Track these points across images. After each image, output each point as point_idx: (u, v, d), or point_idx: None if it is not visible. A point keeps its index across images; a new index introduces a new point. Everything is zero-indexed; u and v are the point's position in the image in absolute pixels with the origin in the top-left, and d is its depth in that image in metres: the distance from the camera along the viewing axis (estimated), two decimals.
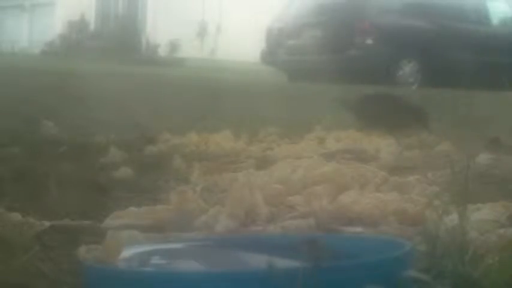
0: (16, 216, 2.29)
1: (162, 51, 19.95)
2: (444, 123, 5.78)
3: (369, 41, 11.82)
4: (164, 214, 2.48)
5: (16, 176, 3.18)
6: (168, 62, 16.79)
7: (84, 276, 1.63)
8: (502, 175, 3.49)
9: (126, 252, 1.76)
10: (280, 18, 13.04)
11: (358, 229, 2.39)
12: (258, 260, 1.65)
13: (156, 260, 1.78)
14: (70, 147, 4.21)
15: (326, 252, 1.43)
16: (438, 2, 12.60)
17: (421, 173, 3.29)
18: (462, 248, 1.68)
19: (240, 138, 4.70)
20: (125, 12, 23.75)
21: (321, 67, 11.45)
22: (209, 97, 7.61)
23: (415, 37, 12.03)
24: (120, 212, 2.48)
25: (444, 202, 2.02)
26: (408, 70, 11.97)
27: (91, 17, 22.52)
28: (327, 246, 1.44)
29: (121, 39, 19.45)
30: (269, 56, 12.99)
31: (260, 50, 13.24)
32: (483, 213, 2.34)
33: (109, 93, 7.17)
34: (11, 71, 9.35)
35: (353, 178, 2.97)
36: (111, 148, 3.96)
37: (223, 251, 1.87)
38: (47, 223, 2.31)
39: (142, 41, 20.70)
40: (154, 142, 4.51)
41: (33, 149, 4.01)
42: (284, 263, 1.54)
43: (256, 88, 9.14)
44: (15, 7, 25.78)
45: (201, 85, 9.19)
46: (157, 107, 6.68)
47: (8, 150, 3.92)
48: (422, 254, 1.73)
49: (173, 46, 20.15)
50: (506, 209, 2.39)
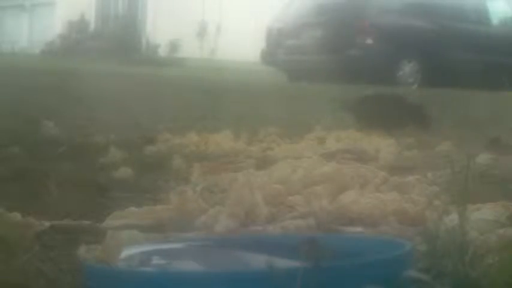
0: (16, 216, 2.29)
1: (162, 51, 19.92)
2: (444, 123, 5.78)
3: (369, 41, 11.81)
4: (164, 214, 2.48)
5: (16, 176, 3.18)
6: (168, 62, 16.77)
7: (84, 276, 1.63)
8: (502, 175, 3.49)
9: (126, 252, 1.76)
10: (280, 18, 13.03)
11: (358, 229, 2.40)
12: (258, 260, 1.65)
13: (156, 260, 1.78)
14: (70, 147, 4.21)
15: (326, 252, 1.43)
16: (438, 2, 12.59)
17: (421, 173, 3.30)
18: (462, 248, 1.68)
19: (240, 138, 4.70)
20: (125, 12, 23.73)
21: (321, 67, 11.45)
22: (209, 97, 7.61)
23: (415, 37, 12.02)
24: (120, 212, 2.48)
25: (444, 202, 2.02)
26: (408, 70, 11.97)
27: (91, 17, 22.50)
28: (327, 246, 1.44)
29: (121, 39, 19.42)
30: (269, 56, 12.98)
31: (260, 50, 13.23)
32: (483, 213, 2.34)
33: (109, 93, 7.17)
34: (11, 71, 9.35)
35: (353, 178, 2.97)
36: (111, 148, 3.96)
37: (223, 251, 1.87)
38: (47, 223, 2.31)
39: (142, 41, 20.68)
40: (154, 142, 4.51)
41: (33, 149, 4.01)
42: (284, 263, 1.54)
43: (256, 88, 9.13)
44: (15, 7, 25.75)
45: (201, 85, 9.19)
46: (157, 107, 6.68)
47: (8, 150, 3.92)
48: (422, 254, 1.73)
49: (173, 46, 20.12)
50: (506, 209, 2.39)
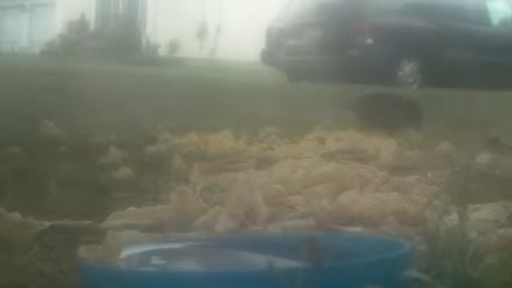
0: (16, 216, 2.29)
1: (162, 51, 19.92)
2: (444, 123, 5.78)
3: (369, 41, 11.81)
4: (164, 214, 2.48)
5: (16, 176, 3.18)
6: (168, 62, 16.76)
7: (84, 276, 1.63)
8: (502, 175, 3.49)
9: (126, 252, 1.76)
10: (280, 18, 13.03)
11: (358, 229, 2.39)
12: (258, 260, 1.65)
13: (156, 260, 1.78)
14: (70, 147, 4.21)
15: (326, 252, 1.43)
16: (438, 2, 12.59)
17: (421, 173, 3.29)
18: (462, 248, 1.68)
19: (240, 138, 4.70)
20: (125, 12, 23.73)
21: (321, 67, 11.44)
22: (209, 97, 7.61)
23: (415, 37, 12.01)
24: (120, 212, 2.48)
25: (444, 202, 2.02)
26: (408, 70, 11.97)
27: (91, 17, 22.49)
28: (327, 246, 1.44)
29: (121, 39, 19.41)
30: (269, 56, 12.98)
31: (260, 50, 13.23)
32: (483, 213, 2.34)
33: (109, 93, 7.17)
34: (11, 71, 9.35)
35: (353, 178, 2.97)
36: (111, 148, 3.96)
37: (223, 251, 1.87)
38: (47, 223, 2.31)
39: (142, 41, 20.66)
40: (154, 142, 4.51)
41: (33, 149, 4.01)
42: (284, 263, 1.54)
43: (256, 88, 9.13)
44: (15, 7, 25.74)
45: (201, 85, 9.19)
46: (157, 107, 6.68)
47: (8, 150, 3.92)
48: (422, 254, 1.73)
49: (173, 46, 20.12)
50: (506, 209, 2.39)
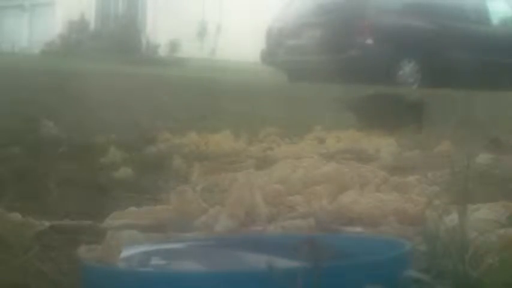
0: (16, 216, 2.29)
1: (162, 51, 19.94)
2: (444, 123, 5.78)
3: (369, 41, 11.81)
4: (164, 214, 2.48)
5: (16, 176, 3.18)
6: (168, 62, 16.77)
7: (84, 276, 1.63)
8: (502, 175, 3.49)
9: (126, 252, 1.76)
10: (280, 18, 13.03)
11: (358, 229, 2.39)
12: (258, 260, 1.65)
13: (156, 260, 1.78)
14: (70, 147, 4.21)
15: (326, 252, 1.43)
16: (438, 2, 12.58)
17: (421, 173, 3.29)
18: (462, 248, 1.68)
19: (240, 138, 4.70)
20: (125, 12, 23.74)
21: (321, 67, 11.44)
22: (209, 97, 7.61)
23: (415, 37, 12.01)
24: (120, 212, 2.48)
25: (444, 202, 2.01)
26: (408, 70, 11.96)
27: (91, 17, 22.50)
28: (327, 246, 1.44)
29: (121, 39, 19.42)
30: (269, 56, 12.98)
31: (260, 50, 13.23)
32: (483, 213, 2.34)
33: (109, 93, 7.16)
34: (11, 71, 9.34)
35: (353, 178, 2.97)
36: (111, 148, 3.96)
37: (223, 251, 1.87)
38: (47, 223, 2.31)
39: (142, 41, 20.67)
40: (154, 142, 4.51)
41: (33, 149, 4.01)
42: (284, 263, 1.54)
43: (256, 88, 9.13)
44: (15, 7, 25.76)
45: (201, 85, 9.18)
46: (157, 107, 6.68)
47: (8, 150, 3.92)
48: (422, 254, 1.73)
49: (173, 46, 20.14)
50: (506, 209, 2.39)
